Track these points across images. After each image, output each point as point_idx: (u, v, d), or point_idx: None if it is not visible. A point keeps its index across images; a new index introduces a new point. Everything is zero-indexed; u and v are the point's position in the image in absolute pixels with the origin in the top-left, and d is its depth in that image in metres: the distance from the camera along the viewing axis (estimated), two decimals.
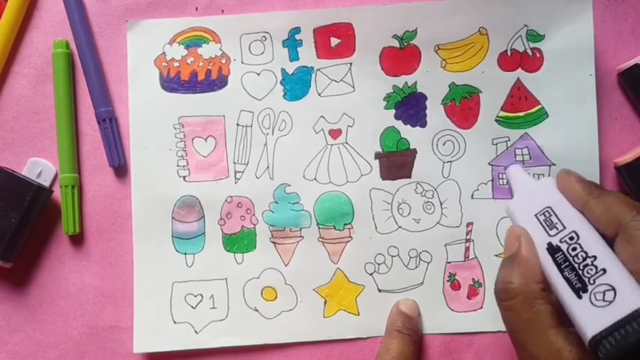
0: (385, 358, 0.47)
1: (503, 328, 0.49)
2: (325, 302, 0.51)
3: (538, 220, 0.40)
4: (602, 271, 0.35)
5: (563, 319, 0.37)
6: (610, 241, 0.37)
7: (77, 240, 0.51)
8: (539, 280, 0.38)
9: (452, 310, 0.51)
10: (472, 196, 0.51)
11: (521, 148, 0.51)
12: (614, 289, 0.34)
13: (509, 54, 0.51)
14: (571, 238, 0.38)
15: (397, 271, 0.51)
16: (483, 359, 0.50)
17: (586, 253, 0.37)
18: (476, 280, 0.51)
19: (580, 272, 0.36)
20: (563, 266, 0.37)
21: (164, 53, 0.51)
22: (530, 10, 0.51)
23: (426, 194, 0.51)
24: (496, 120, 0.51)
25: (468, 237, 0.51)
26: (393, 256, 0.51)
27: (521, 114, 0.51)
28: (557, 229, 0.39)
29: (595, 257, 0.36)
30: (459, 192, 0.51)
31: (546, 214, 0.40)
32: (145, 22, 0.51)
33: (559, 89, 0.51)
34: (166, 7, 0.52)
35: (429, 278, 0.51)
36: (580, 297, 0.35)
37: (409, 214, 0.51)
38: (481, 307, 0.51)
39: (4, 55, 0.51)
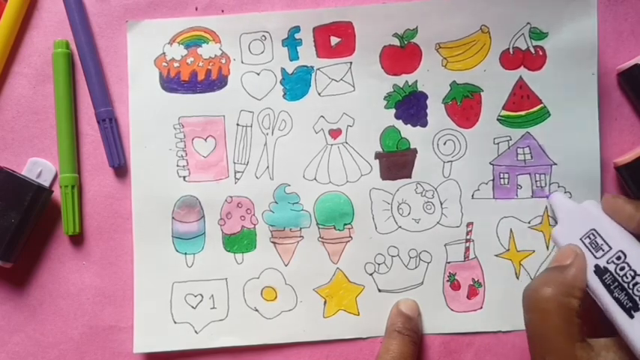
0: (385, 358, 0.47)
1: (503, 328, 0.50)
2: (325, 302, 0.51)
3: (583, 243, 0.42)
4: None
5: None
6: (619, 251, 0.38)
7: (77, 240, 0.51)
8: (579, 297, 0.39)
9: (452, 310, 0.51)
10: (472, 196, 0.51)
11: (523, 148, 0.51)
12: None
13: (511, 52, 0.51)
14: (618, 258, 0.39)
15: (397, 271, 0.51)
16: (483, 359, 0.50)
17: (634, 271, 0.38)
18: (476, 280, 0.51)
19: (630, 291, 0.37)
20: (612, 287, 0.38)
21: (164, 53, 0.51)
22: (533, 8, 0.50)
23: (426, 194, 0.51)
24: (498, 119, 0.51)
25: (468, 237, 0.51)
26: (392, 256, 0.51)
27: (523, 113, 0.51)
28: (602, 250, 0.40)
29: None
30: (459, 192, 0.51)
31: (591, 236, 0.41)
32: (144, 23, 0.51)
33: (561, 88, 0.51)
34: (166, 7, 0.52)
35: (428, 278, 0.51)
36: (632, 316, 0.37)
37: (409, 214, 0.51)
38: (481, 307, 0.51)
39: (4, 55, 0.51)
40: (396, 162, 0.51)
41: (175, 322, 0.50)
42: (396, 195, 0.51)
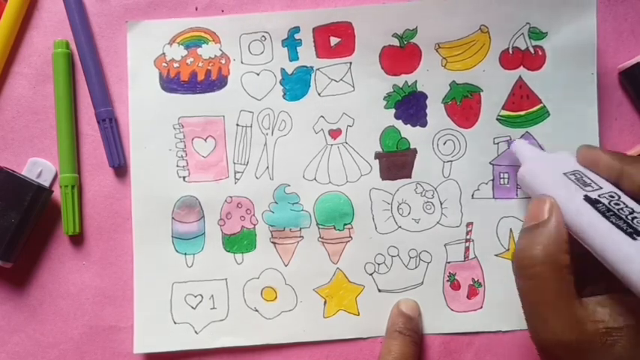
0: (387, 359, 0.47)
1: (503, 328, 0.50)
2: (325, 302, 0.51)
3: (569, 178, 0.39)
4: None
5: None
6: (612, 191, 0.36)
7: (77, 240, 0.51)
8: (567, 251, 0.36)
9: (452, 310, 0.51)
10: (472, 195, 0.51)
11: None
12: None
13: (510, 52, 0.51)
14: (611, 196, 0.36)
15: (397, 271, 0.51)
16: (483, 359, 0.50)
17: (632, 209, 0.35)
18: (476, 280, 0.51)
19: (629, 221, 0.34)
20: (607, 214, 0.35)
21: (164, 54, 0.52)
22: (533, 8, 0.51)
23: (426, 194, 0.51)
24: (497, 119, 0.51)
25: (468, 237, 0.51)
26: (392, 256, 0.51)
27: (523, 113, 0.51)
28: (592, 187, 0.37)
29: None
30: (459, 192, 0.51)
31: (577, 175, 0.39)
32: (144, 23, 0.52)
33: (560, 88, 0.51)
34: (166, 7, 0.52)
35: (428, 278, 0.51)
36: (635, 239, 0.33)
37: (409, 214, 0.51)
38: (481, 307, 0.51)
39: (4, 55, 0.51)
40: (396, 162, 0.51)
41: (175, 323, 0.50)
42: (396, 195, 0.51)
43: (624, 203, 0.35)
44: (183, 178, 0.51)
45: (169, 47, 0.52)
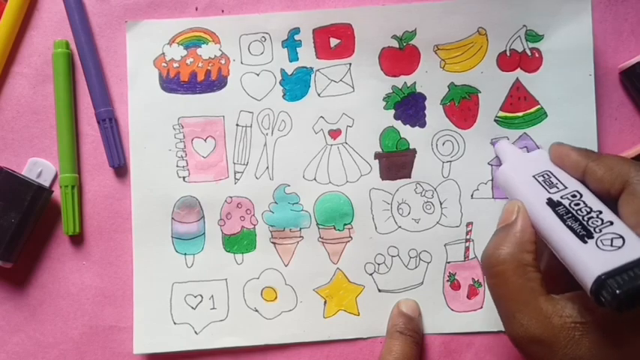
0: (388, 359, 0.48)
1: (504, 329, 0.50)
2: (325, 302, 0.51)
3: (537, 180, 0.41)
4: (608, 223, 0.36)
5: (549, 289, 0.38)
6: (613, 201, 0.37)
7: (77, 240, 0.51)
8: (531, 250, 0.39)
9: (452, 310, 0.51)
10: (472, 195, 0.52)
11: (521, 148, 0.51)
12: (622, 237, 0.34)
13: (508, 54, 0.52)
14: (573, 196, 0.38)
15: (397, 271, 0.51)
16: (483, 359, 0.51)
17: (590, 208, 0.37)
18: (476, 280, 0.51)
19: (585, 223, 0.36)
20: (565, 217, 0.37)
21: (163, 54, 0.52)
22: (529, 10, 0.51)
23: (426, 194, 0.52)
24: (495, 120, 0.52)
25: (468, 237, 0.51)
26: (392, 256, 0.51)
27: (520, 114, 0.52)
28: (557, 188, 0.40)
29: (600, 212, 0.36)
30: (458, 192, 0.52)
31: (545, 175, 0.41)
32: (144, 23, 0.52)
33: (558, 89, 0.51)
34: (166, 8, 0.52)
35: (428, 278, 0.51)
36: (585, 242, 0.35)
37: (409, 214, 0.52)
38: (481, 307, 0.51)
39: (4, 55, 0.51)
40: (396, 162, 0.52)
41: (175, 323, 0.51)
42: (396, 195, 0.52)
43: (584, 202, 0.38)
44: (183, 178, 0.51)
45: (169, 47, 0.52)
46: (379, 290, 0.51)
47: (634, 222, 0.36)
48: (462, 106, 0.52)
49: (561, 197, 0.39)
